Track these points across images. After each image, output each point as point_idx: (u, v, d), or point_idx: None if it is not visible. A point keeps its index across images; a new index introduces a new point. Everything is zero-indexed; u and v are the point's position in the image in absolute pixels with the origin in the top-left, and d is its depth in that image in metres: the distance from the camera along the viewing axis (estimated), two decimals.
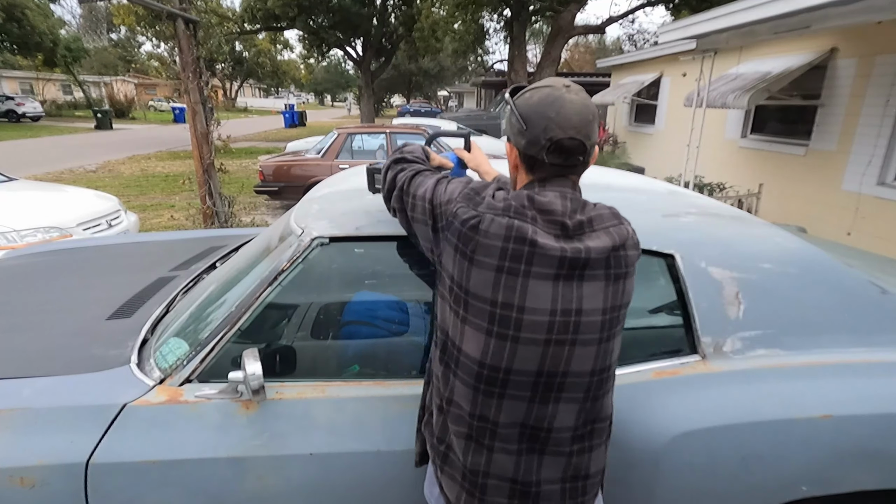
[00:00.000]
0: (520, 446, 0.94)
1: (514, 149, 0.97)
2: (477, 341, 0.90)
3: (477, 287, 0.89)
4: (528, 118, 0.91)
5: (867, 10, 3.69)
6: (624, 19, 17.61)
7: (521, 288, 0.87)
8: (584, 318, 0.89)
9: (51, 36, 24.21)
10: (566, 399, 0.92)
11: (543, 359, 0.89)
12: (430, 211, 0.99)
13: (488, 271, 0.88)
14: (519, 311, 0.88)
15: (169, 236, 2.78)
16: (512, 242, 0.87)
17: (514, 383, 0.91)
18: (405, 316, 1.90)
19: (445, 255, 0.95)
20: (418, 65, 30.69)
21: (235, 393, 1.26)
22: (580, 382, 0.92)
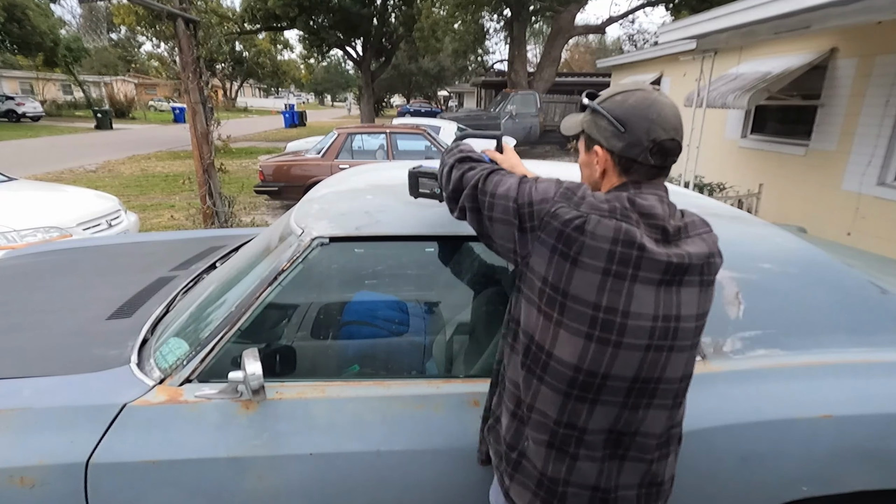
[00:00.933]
0: (604, 452, 0.93)
1: (607, 152, 0.96)
2: (573, 346, 0.88)
3: (578, 290, 0.87)
4: (626, 120, 0.92)
5: (867, 10, 3.69)
6: (624, 19, 17.62)
7: (627, 292, 0.86)
8: (681, 325, 0.90)
9: (51, 36, 24.22)
10: (656, 405, 0.92)
11: (642, 364, 0.89)
12: (516, 210, 0.95)
13: (593, 274, 0.86)
14: (623, 316, 0.86)
15: (169, 236, 2.78)
16: (620, 246, 0.85)
17: (609, 389, 0.90)
18: (405, 316, 1.90)
19: (537, 256, 0.92)
20: (418, 65, 30.69)
21: (235, 393, 1.26)
22: (671, 389, 0.93)
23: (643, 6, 15.17)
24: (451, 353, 1.72)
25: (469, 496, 1.30)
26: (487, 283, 1.78)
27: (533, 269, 0.92)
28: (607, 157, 0.96)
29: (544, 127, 14.07)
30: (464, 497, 1.30)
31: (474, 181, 1.04)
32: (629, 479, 0.94)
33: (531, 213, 0.92)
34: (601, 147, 0.97)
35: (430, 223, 1.40)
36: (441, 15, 14.96)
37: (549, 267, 0.89)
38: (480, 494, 1.31)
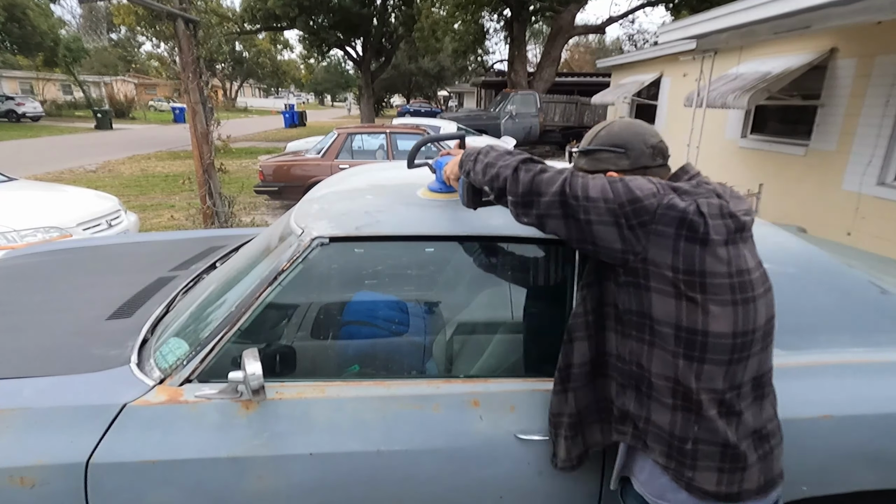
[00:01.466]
0: (752, 397, 1.02)
1: (620, 174, 1.08)
2: (725, 316, 0.95)
3: (714, 265, 0.94)
4: (623, 142, 1.09)
5: (867, 10, 3.69)
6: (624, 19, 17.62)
7: (741, 253, 0.97)
8: (762, 269, 1.03)
9: (51, 36, 24.23)
10: (771, 342, 1.04)
11: (767, 308, 1.01)
12: (619, 210, 0.96)
13: (720, 248, 0.95)
14: (747, 274, 0.97)
15: (169, 236, 2.78)
16: (728, 218, 0.96)
17: (755, 341, 0.99)
18: (405, 316, 1.90)
19: (658, 248, 0.95)
20: (418, 65, 30.70)
21: (235, 393, 1.26)
22: (773, 326, 1.04)
23: (643, 6, 15.17)
24: (451, 353, 1.72)
25: (469, 496, 1.30)
26: (487, 282, 1.78)
27: (656, 262, 0.96)
28: (620, 177, 1.03)
29: (544, 127, 14.07)
30: (463, 497, 1.30)
31: (558, 188, 1.00)
32: (770, 412, 1.05)
33: (638, 210, 0.95)
34: (613, 172, 1.09)
35: (429, 223, 1.40)
36: (441, 15, 14.96)
37: (675, 255, 0.95)
38: (480, 494, 1.31)
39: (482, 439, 1.28)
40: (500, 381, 1.37)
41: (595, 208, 0.97)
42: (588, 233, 0.99)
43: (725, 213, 0.97)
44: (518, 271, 1.62)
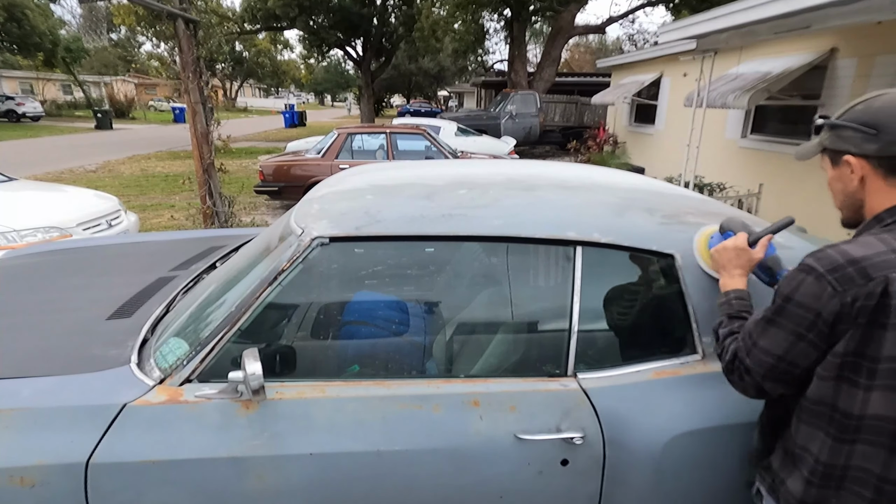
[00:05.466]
0: None
1: (861, 158, 0.93)
2: (892, 402, 0.85)
3: (893, 350, 0.84)
4: (876, 122, 0.90)
5: (867, 10, 3.69)
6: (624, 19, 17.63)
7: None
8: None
9: (51, 36, 24.22)
10: None
11: None
12: (814, 337, 0.90)
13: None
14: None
15: (169, 236, 2.78)
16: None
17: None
18: (405, 316, 1.90)
19: (843, 340, 0.88)
20: (418, 65, 30.70)
21: (235, 393, 1.26)
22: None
23: (643, 6, 15.17)
24: (451, 353, 1.72)
25: (469, 496, 1.30)
26: (488, 282, 1.78)
27: (833, 352, 0.89)
28: (863, 163, 0.93)
29: (544, 127, 14.06)
30: (463, 497, 1.30)
31: (754, 364, 0.98)
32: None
33: (825, 323, 0.88)
34: (853, 155, 0.94)
35: (429, 223, 1.39)
36: (441, 15, 14.96)
37: (849, 342, 0.87)
38: (480, 494, 1.31)
39: (482, 439, 1.28)
40: (500, 381, 1.37)
41: (795, 355, 0.93)
42: (799, 360, 0.95)
43: None
44: (518, 271, 1.62)
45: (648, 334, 1.48)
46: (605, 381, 1.36)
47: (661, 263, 1.42)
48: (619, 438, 1.30)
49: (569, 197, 1.54)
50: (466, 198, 1.48)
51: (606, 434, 1.30)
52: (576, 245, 1.39)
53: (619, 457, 1.30)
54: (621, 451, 1.30)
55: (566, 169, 1.94)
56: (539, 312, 1.60)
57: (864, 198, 0.95)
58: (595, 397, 1.33)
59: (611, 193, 1.60)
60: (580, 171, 1.92)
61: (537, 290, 1.62)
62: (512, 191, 1.55)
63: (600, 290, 1.46)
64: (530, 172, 1.82)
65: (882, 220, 0.91)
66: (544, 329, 1.55)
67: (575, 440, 1.28)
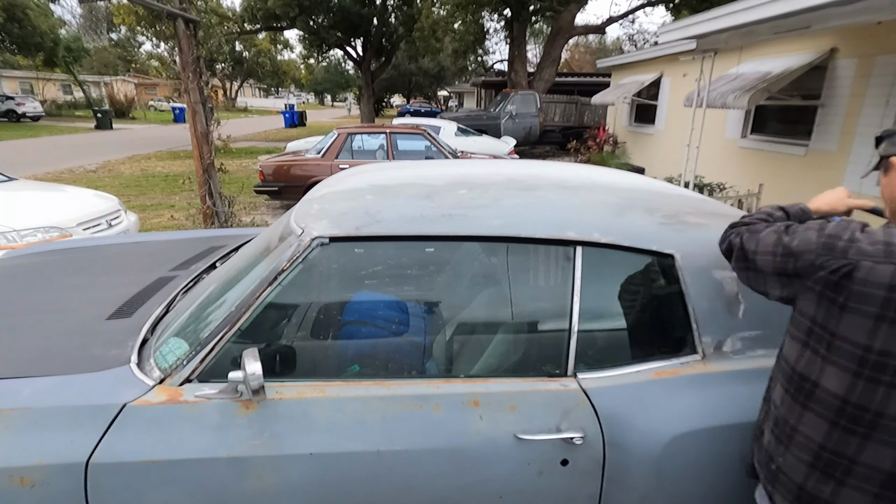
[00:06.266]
0: (881, 492, 0.89)
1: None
2: (840, 380, 0.89)
3: (847, 332, 0.88)
4: None
5: (867, 10, 3.69)
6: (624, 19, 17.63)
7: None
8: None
9: (51, 36, 24.20)
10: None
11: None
12: (779, 262, 0.99)
13: (865, 319, 0.86)
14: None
15: (169, 236, 2.78)
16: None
17: (884, 428, 0.87)
18: (405, 316, 1.90)
19: (804, 300, 0.95)
20: (418, 65, 30.68)
21: (235, 393, 1.26)
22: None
23: (643, 6, 15.17)
24: (451, 353, 1.72)
25: (469, 496, 1.30)
26: (488, 282, 1.78)
27: (801, 311, 0.97)
28: None
29: (544, 127, 14.05)
30: (463, 497, 1.30)
31: (740, 242, 1.10)
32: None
33: (794, 265, 0.96)
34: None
35: (429, 223, 1.39)
36: (441, 15, 14.96)
37: (816, 309, 0.93)
38: (480, 494, 1.31)
39: (482, 439, 1.28)
40: (500, 381, 1.37)
41: (759, 260, 1.05)
42: (753, 279, 1.09)
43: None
44: (518, 271, 1.62)
45: (648, 334, 1.48)
46: (606, 381, 1.36)
47: (661, 263, 1.42)
48: (619, 438, 1.30)
49: (569, 197, 1.54)
50: (466, 198, 1.48)
51: (606, 434, 1.30)
52: (576, 245, 1.39)
53: (619, 457, 1.30)
54: (621, 452, 1.30)
55: (566, 169, 1.94)
56: (539, 312, 1.60)
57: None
58: (595, 397, 1.33)
59: (611, 193, 1.60)
60: (580, 171, 1.92)
61: (537, 290, 1.62)
62: (512, 191, 1.55)
63: (600, 290, 1.46)
64: (530, 172, 1.82)
65: None
66: (544, 329, 1.55)
67: (575, 440, 1.28)
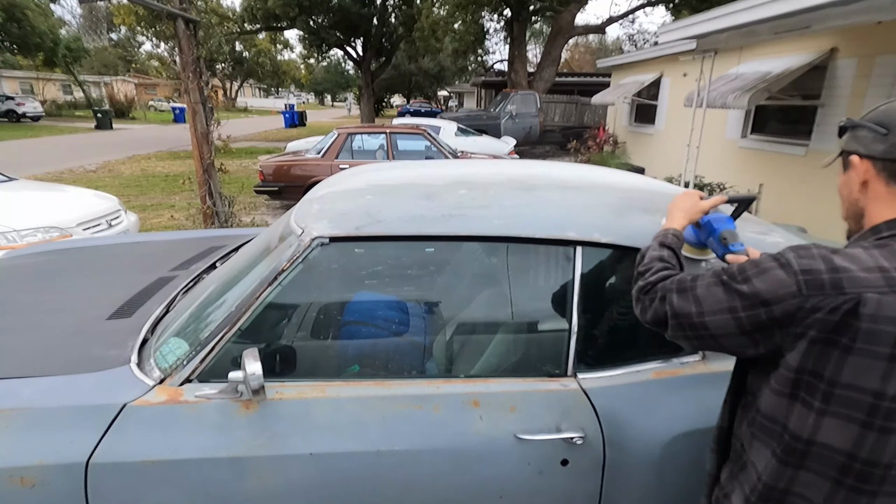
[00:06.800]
0: None
1: (866, 160, 0.87)
2: (845, 433, 0.78)
3: (854, 378, 0.76)
4: (890, 122, 0.85)
5: (867, 10, 3.69)
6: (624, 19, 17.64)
7: None
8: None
9: (51, 36, 24.21)
10: None
11: None
12: (745, 319, 0.83)
13: (876, 360, 0.74)
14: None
15: (169, 236, 2.78)
16: None
17: (893, 480, 0.78)
18: (405, 316, 1.90)
19: (791, 351, 0.81)
20: (418, 65, 30.68)
21: (235, 393, 1.26)
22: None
23: (643, 6, 15.17)
24: (451, 353, 1.72)
25: (469, 496, 1.30)
26: (488, 282, 1.78)
27: (786, 364, 0.82)
28: (867, 166, 0.87)
29: (544, 127, 14.06)
30: (463, 497, 1.30)
31: (670, 309, 0.92)
32: None
33: (769, 314, 0.81)
34: (859, 156, 0.89)
35: (429, 223, 1.39)
36: (441, 15, 14.95)
37: (806, 358, 0.79)
38: (480, 494, 1.31)
39: (482, 439, 1.28)
40: (500, 381, 1.37)
41: (717, 323, 0.87)
42: (717, 346, 0.90)
43: None
44: (518, 271, 1.62)
45: (648, 334, 1.48)
46: (605, 381, 1.36)
47: None
48: (619, 438, 1.30)
49: (569, 197, 1.54)
50: (466, 198, 1.48)
51: (606, 434, 1.30)
52: (576, 245, 1.39)
53: (619, 457, 1.30)
54: (621, 451, 1.30)
55: (566, 169, 1.94)
56: (539, 312, 1.60)
57: (865, 206, 0.89)
58: (595, 397, 1.33)
59: (611, 193, 1.60)
60: (580, 171, 1.92)
61: (537, 290, 1.62)
62: (512, 191, 1.55)
63: (600, 290, 1.46)
64: (530, 172, 1.82)
65: (879, 232, 0.84)
66: (544, 329, 1.55)
67: (575, 440, 1.28)
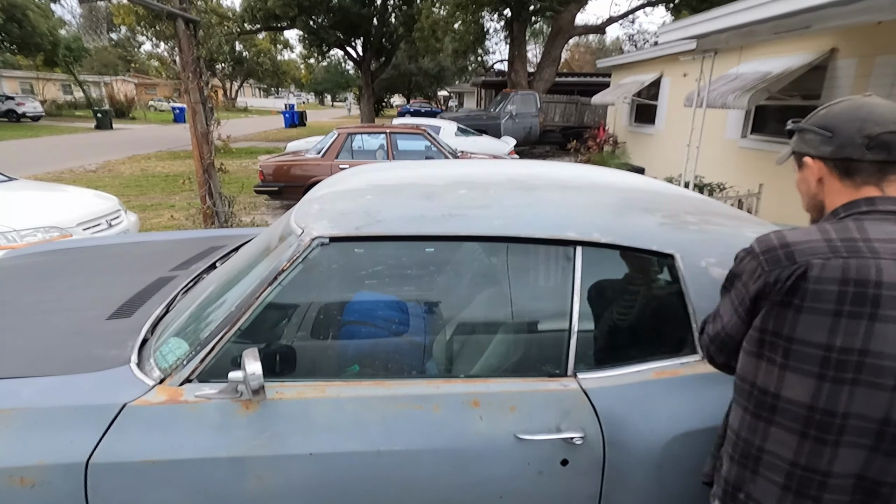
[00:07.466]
0: (852, 498, 0.87)
1: (817, 161, 0.96)
2: (804, 386, 0.86)
3: (806, 334, 0.85)
4: (832, 126, 0.92)
5: (867, 10, 3.69)
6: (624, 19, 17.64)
7: (866, 332, 0.82)
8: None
9: (51, 36, 24.21)
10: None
11: (891, 404, 0.82)
12: (741, 310, 0.96)
13: (823, 317, 0.84)
14: (861, 355, 0.82)
15: (169, 236, 2.78)
16: (852, 286, 0.82)
17: (852, 429, 0.84)
18: (405, 316, 1.90)
19: (759, 316, 0.93)
20: (418, 65, 30.68)
21: (235, 393, 1.26)
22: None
23: (643, 6, 15.17)
24: (451, 353, 1.72)
25: (469, 496, 1.30)
26: (488, 282, 1.78)
27: (753, 325, 0.93)
28: (820, 165, 0.96)
29: (544, 127, 14.06)
30: (463, 497, 1.30)
31: (709, 339, 1.06)
32: None
33: (753, 301, 0.93)
34: (811, 157, 0.98)
35: (429, 223, 1.39)
36: (441, 15, 14.95)
37: (767, 318, 0.90)
38: (480, 494, 1.31)
39: (482, 439, 1.28)
40: (500, 381, 1.37)
41: (731, 326, 0.99)
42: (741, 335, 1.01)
43: (858, 281, 0.82)
44: (518, 271, 1.62)
45: (648, 334, 1.48)
46: (605, 381, 1.36)
47: (661, 263, 1.42)
48: (619, 438, 1.30)
49: (569, 197, 1.54)
50: (466, 198, 1.48)
51: (606, 434, 1.30)
52: (576, 245, 1.39)
53: (619, 457, 1.30)
54: (621, 452, 1.30)
55: (566, 169, 1.94)
56: (539, 312, 1.60)
57: (824, 199, 0.98)
58: (595, 397, 1.33)
59: (611, 193, 1.60)
60: (580, 171, 1.92)
61: (537, 290, 1.62)
62: (512, 191, 1.55)
63: (600, 290, 1.46)
64: (530, 172, 1.82)
65: (837, 214, 0.93)
66: (544, 329, 1.55)
67: (575, 440, 1.28)
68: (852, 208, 0.91)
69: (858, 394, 0.83)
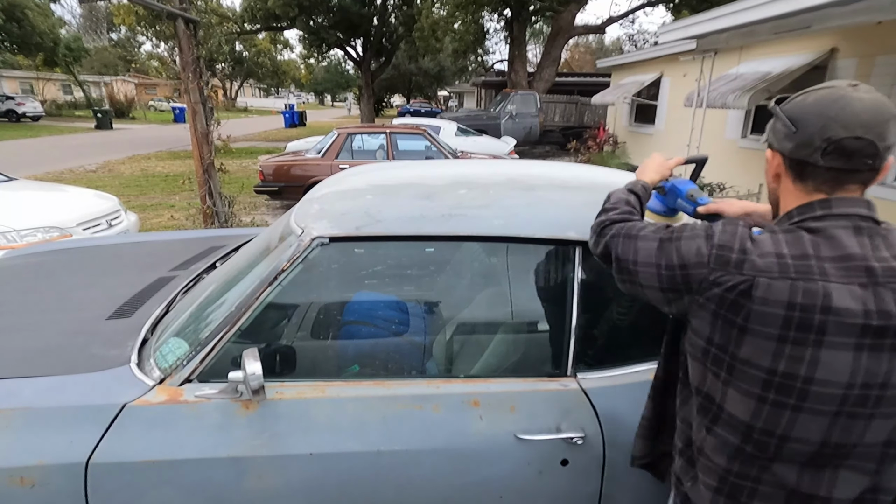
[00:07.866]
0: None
1: (777, 155, 0.88)
2: (746, 405, 0.83)
3: (749, 355, 0.81)
4: (798, 119, 0.83)
5: (867, 10, 3.69)
6: (624, 19, 17.64)
7: (811, 359, 0.77)
8: (889, 393, 0.77)
9: (51, 36, 24.22)
10: (848, 467, 0.82)
11: (830, 429, 0.80)
12: (665, 277, 0.90)
13: (767, 341, 0.79)
14: (805, 382, 0.78)
15: (169, 236, 2.78)
16: (798, 311, 0.77)
17: (789, 450, 0.82)
18: (405, 316, 1.90)
19: (697, 319, 0.87)
20: (418, 65, 30.69)
21: (235, 393, 1.26)
22: (870, 453, 0.81)
23: (643, 6, 15.18)
24: (451, 353, 1.72)
25: (469, 496, 1.30)
26: (487, 282, 1.78)
27: (695, 329, 0.88)
28: (778, 160, 0.88)
29: (544, 127, 14.06)
30: (463, 497, 1.30)
31: (615, 250, 1.00)
32: None
33: (685, 278, 0.87)
34: (771, 149, 0.90)
35: (429, 223, 1.40)
36: (441, 15, 14.96)
37: (713, 330, 0.85)
38: (480, 494, 1.31)
39: (482, 439, 1.28)
40: (500, 381, 1.37)
41: (643, 273, 0.95)
42: (641, 293, 0.98)
43: (804, 306, 0.77)
44: (518, 271, 1.62)
45: (648, 334, 1.48)
46: (605, 381, 1.36)
47: None
48: (619, 438, 1.30)
49: (569, 197, 1.54)
50: (466, 198, 1.48)
51: (606, 434, 1.31)
52: (576, 245, 1.39)
53: (619, 457, 1.30)
54: (621, 451, 1.30)
55: (566, 169, 1.94)
56: (539, 312, 1.60)
57: (779, 195, 0.91)
58: (595, 397, 1.33)
59: None
60: (580, 171, 1.92)
61: (537, 290, 1.62)
62: (512, 191, 1.55)
63: (600, 290, 1.46)
64: (530, 172, 1.82)
65: (791, 218, 0.86)
66: (544, 329, 1.55)
67: (575, 440, 1.28)
68: (806, 212, 0.84)
69: (800, 419, 0.80)
